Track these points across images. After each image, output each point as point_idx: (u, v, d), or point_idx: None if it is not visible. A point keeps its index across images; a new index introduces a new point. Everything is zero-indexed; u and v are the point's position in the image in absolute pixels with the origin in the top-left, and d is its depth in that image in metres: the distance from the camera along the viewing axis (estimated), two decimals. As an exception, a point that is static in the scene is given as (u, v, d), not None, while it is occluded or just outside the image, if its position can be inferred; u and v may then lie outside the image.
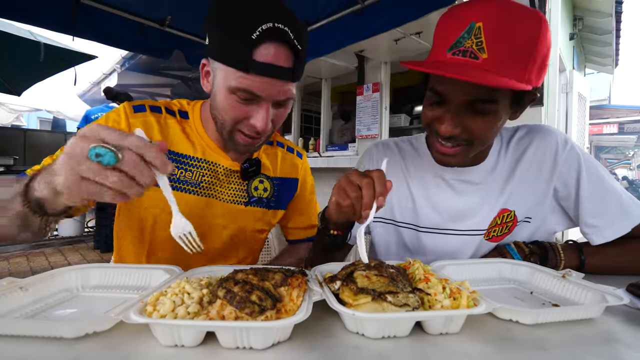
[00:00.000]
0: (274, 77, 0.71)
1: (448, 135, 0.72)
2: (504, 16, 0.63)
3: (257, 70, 0.69)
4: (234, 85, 0.72)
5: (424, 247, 0.92)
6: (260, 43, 0.68)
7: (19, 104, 7.71)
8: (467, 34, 0.64)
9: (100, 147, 0.45)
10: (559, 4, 2.93)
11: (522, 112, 0.77)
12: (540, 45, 0.64)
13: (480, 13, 0.63)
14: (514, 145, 0.88)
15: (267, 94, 0.73)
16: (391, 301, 0.48)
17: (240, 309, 0.44)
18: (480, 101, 0.68)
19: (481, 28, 0.63)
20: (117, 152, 0.46)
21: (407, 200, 0.94)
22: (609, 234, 0.79)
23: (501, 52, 0.62)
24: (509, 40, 0.63)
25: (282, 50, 0.71)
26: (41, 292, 0.58)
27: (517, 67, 0.63)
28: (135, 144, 0.48)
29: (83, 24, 1.91)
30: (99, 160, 0.46)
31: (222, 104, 0.76)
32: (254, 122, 0.76)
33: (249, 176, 0.93)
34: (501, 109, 0.70)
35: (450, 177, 0.89)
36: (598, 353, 0.43)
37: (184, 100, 0.95)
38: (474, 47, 0.63)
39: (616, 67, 6.18)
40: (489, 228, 0.86)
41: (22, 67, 4.24)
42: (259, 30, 0.67)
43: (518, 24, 0.63)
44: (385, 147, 1.03)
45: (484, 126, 0.71)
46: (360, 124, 4.24)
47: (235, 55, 0.70)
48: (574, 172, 0.83)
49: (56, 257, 4.06)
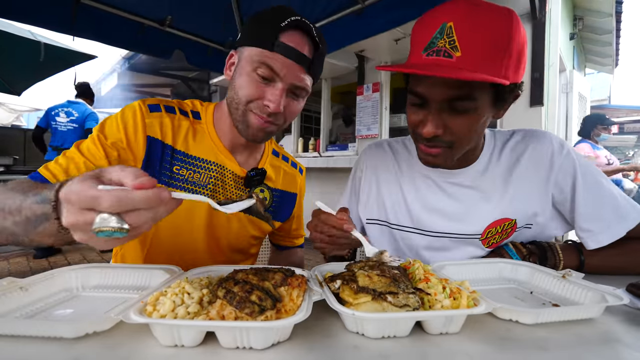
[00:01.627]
0: (294, 60, 0.77)
1: (431, 136, 0.72)
2: (474, 14, 0.64)
3: (280, 50, 0.76)
4: (256, 60, 0.78)
5: (417, 249, 0.92)
6: (287, 29, 0.77)
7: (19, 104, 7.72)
8: (439, 34, 0.65)
9: (107, 231, 0.41)
10: (559, 4, 2.93)
11: (505, 111, 0.78)
12: (514, 40, 0.64)
13: (450, 13, 0.65)
14: (510, 151, 0.87)
15: (284, 73, 0.78)
16: (391, 301, 0.48)
17: (240, 309, 0.44)
18: (458, 99, 0.68)
19: (452, 27, 0.64)
20: (124, 227, 0.42)
21: (400, 202, 0.94)
22: (604, 238, 0.79)
23: (474, 49, 0.63)
24: (481, 37, 0.63)
25: (304, 40, 0.79)
26: (41, 292, 0.58)
27: (492, 63, 0.64)
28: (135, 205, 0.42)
29: (83, 23, 1.91)
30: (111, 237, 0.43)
31: (240, 82, 0.80)
32: (267, 101, 0.79)
33: (252, 184, 0.95)
34: (481, 106, 0.70)
35: (440, 178, 0.89)
36: (598, 353, 0.43)
37: (197, 100, 0.96)
38: (447, 46, 0.64)
39: (616, 67, 6.17)
40: (489, 236, 0.86)
41: (22, 67, 4.25)
42: (287, 20, 0.77)
43: (489, 21, 0.64)
44: (378, 147, 1.04)
45: (466, 125, 0.71)
46: (360, 124, 4.24)
47: (263, 37, 0.78)
48: (569, 177, 0.82)
49: (56, 257, 4.06)
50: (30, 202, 0.52)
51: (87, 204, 0.42)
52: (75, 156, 0.75)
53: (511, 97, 0.74)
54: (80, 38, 2.00)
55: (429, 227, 0.90)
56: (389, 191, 0.96)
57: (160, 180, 0.85)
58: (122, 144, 0.80)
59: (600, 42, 5.13)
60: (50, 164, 0.73)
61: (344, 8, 2.00)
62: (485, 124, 0.76)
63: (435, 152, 0.76)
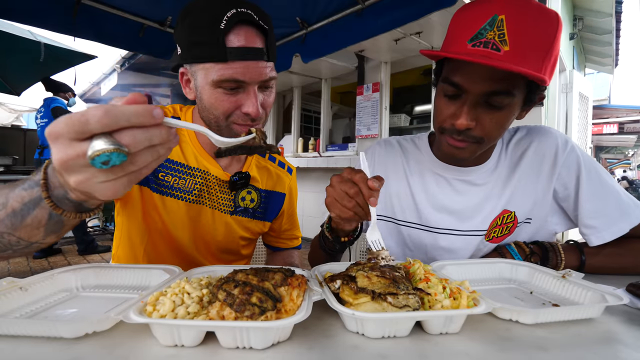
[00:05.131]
0: (251, 59, 0.73)
1: (463, 129, 0.71)
2: (526, 11, 0.64)
3: (235, 56, 0.71)
4: (217, 78, 0.72)
5: (423, 246, 0.93)
6: (230, 30, 0.71)
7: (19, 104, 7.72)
8: (489, 26, 0.65)
9: (103, 154, 0.37)
10: (559, 4, 2.93)
11: (527, 112, 0.78)
12: (557, 44, 0.65)
13: (503, 6, 0.64)
14: (514, 146, 0.89)
15: (250, 77, 0.74)
16: (391, 302, 0.48)
17: (241, 312, 0.44)
18: (497, 93, 0.68)
19: (503, 20, 0.63)
20: (122, 148, 0.38)
21: (408, 198, 0.94)
22: (608, 235, 0.79)
23: (522, 46, 0.63)
24: (529, 35, 0.64)
25: (251, 32, 0.73)
26: (41, 292, 0.58)
27: (536, 62, 0.64)
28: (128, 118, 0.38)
29: (84, 24, 1.91)
30: (109, 165, 0.38)
31: (210, 101, 0.76)
32: (245, 109, 0.75)
33: (236, 188, 0.94)
34: (515, 104, 0.70)
35: (452, 176, 0.89)
36: (598, 353, 0.43)
37: (178, 105, 0.95)
38: (496, 38, 0.64)
39: (616, 67, 6.18)
40: (490, 229, 0.86)
41: (22, 67, 4.25)
42: (225, 19, 0.69)
43: (539, 20, 0.64)
44: (387, 144, 1.03)
45: (498, 121, 0.71)
46: (360, 124, 4.24)
47: (209, 49, 0.71)
48: (573, 173, 0.83)
49: (56, 257, 4.06)
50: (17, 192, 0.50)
51: (76, 129, 0.38)
52: None
53: (537, 98, 0.74)
54: (80, 38, 2.01)
55: (435, 224, 0.90)
56: (397, 188, 0.96)
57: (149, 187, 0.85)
58: None
59: (600, 42, 5.14)
60: None
61: (344, 8, 2.00)
62: (511, 123, 0.76)
63: (462, 145, 0.75)
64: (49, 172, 0.48)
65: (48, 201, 0.47)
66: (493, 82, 0.67)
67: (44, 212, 0.49)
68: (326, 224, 0.81)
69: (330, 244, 0.81)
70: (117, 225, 0.95)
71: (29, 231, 0.51)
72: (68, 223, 0.52)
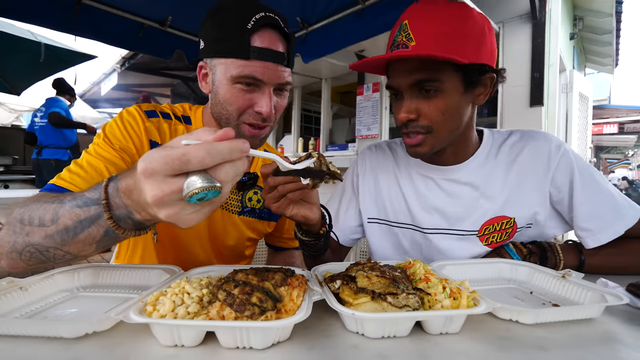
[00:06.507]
0: (272, 61, 0.76)
1: (406, 121, 0.79)
2: (425, 10, 0.75)
3: (257, 55, 0.74)
4: (236, 74, 0.75)
5: (418, 246, 0.93)
6: (256, 31, 0.74)
7: (19, 104, 7.71)
8: (399, 32, 0.76)
9: (200, 193, 0.38)
10: (559, 4, 2.92)
11: (485, 96, 0.81)
12: (467, 24, 0.73)
13: (407, 13, 0.76)
14: (507, 150, 0.88)
15: (268, 77, 0.76)
16: (391, 302, 0.48)
17: (241, 312, 0.44)
18: (423, 81, 0.75)
19: (407, 24, 0.74)
20: (216, 184, 0.39)
21: (400, 201, 0.95)
22: (603, 237, 0.80)
23: (427, 37, 0.72)
24: (432, 27, 0.72)
25: (275, 36, 0.77)
26: (41, 292, 0.58)
27: (444, 47, 0.71)
28: (224, 157, 0.40)
29: (84, 23, 1.92)
30: (204, 200, 0.40)
31: (225, 96, 0.78)
32: (258, 108, 0.77)
33: (245, 188, 0.95)
34: (448, 88, 0.76)
35: (438, 176, 0.90)
36: (598, 353, 0.43)
37: (187, 104, 0.95)
38: (404, 39, 0.74)
39: (616, 67, 6.17)
40: (486, 233, 0.86)
41: (22, 67, 4.25)
42: (253, 20, 0.73)
43: (439, 12, 0.73)
44: (378, 148, 1.05)
45: (437, 107, 0.77)
46: (360, 124, 4.24)
47: (234, 45, 0.74)
48: (566, 177, 0.83)
49: (56, 257, 4.06)
50: (70, 209, 0.49)
51: (174, 166, 0.38)
52: (93, 161, 0.73)
53: (485, 79, 0.78)
54: (81, 38, 2.01)
55: (427, 225, 0.91)
56: (388, 190, 0.97)
57: None
58: (132, 150, 0.79)
59: (600, 42, 5.13)
60: (63, 174, 0.71)
61: (344, 8, 2.00)
62: (463, 109, 0.79)
63: (416, 141, 0.80)
64: (110, 191, 0.47)
65: (111, 222, 0.47)
66: (414, 73, 0.75)
67: (100, 229, 0.49)
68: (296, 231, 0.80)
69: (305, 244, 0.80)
70: None
71: (80, 247, 0.51)
72: (122, 239, 0.51)
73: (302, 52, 2.31)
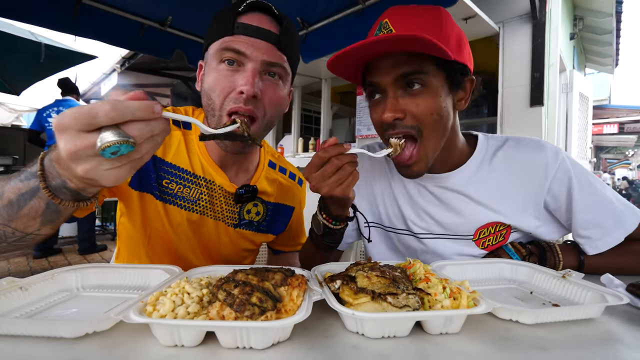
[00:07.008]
0: (258, 37, 0.75)
1: (392, 120, 0.74)
2: (405, 8, 0.74)
3: (241, 30, 0.74)
4: (220, 49, 0.75)
5: (413, 250, 0.92)
6: (245, 13, 0.75)
7: (19, 104, 7.72)
8: (379, 30, 0.75)
9: (113, 146, 0.41)
10: (559, 4, 2.92)
11: (466, 101, 0.79)
12: (446, 26, 0.72)
13: (387, 13, 0.75)
14: (502, 157, 0.86)
15: (251, 51, 0.74)
16: (391, 302, 0.48)
17: (241, 312, 0.44)
18: (409, 74, 0.72)
19: (388, 22, 0.73)
20: (129, 139, 0.42)
21: (393, 206, 0.94)
22: (602, 244, 0.79)
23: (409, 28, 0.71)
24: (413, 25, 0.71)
25: (265, 18, 0.77)
26: (41, 292, 0.58)
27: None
28: (133, 113, 0.43)
29: (84, 23, 1.92)
30: (117, 154, 0.42)
31: (210, 82, 0.76)
32: (239, 87, 0.73)
33: (242, 201, 0.91)
34: (434, 83, 0.73)
35: (431, 184, 0.88)
36: (598, 353, 0.43)
37: (190, 107, 0.92)
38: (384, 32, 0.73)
39: (616, 67, 6.17)
40: (482, 237, 0.85)
41: (22, 67, 4.25)
42: (244, 4, 0.75)
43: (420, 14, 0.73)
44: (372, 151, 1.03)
45: (424, 105, 0.73)
46: (360, 124, 4.23)
47: (222, 28, 0.76)
48: (564, 186, 0.81)
49: (56, 257, 4.06)
50: (13, 184, 0.52)
51: (84, 121, 0.41)
52: None
53: (466, 82, 0.77)
54: (81, 38, 2.01)
55: (421, 230, 0.90)
56: (382, 195, 0.97)
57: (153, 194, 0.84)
58: None
59: (600, 42, 5.13)
60: None
61: (344, 8, 2.00)
62: (448, 111, 0.76)
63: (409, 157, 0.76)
64: (45, 163, 0.49)
65: (46, 191, 0.49)
66: (399, 66, 0.72)
67: (41, 202, 0.51)
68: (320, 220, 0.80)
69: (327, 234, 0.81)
70: (120, 225, 0.94)
71: (25, 222, 0.53)
72: (65, 212, 0.53)
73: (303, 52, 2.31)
